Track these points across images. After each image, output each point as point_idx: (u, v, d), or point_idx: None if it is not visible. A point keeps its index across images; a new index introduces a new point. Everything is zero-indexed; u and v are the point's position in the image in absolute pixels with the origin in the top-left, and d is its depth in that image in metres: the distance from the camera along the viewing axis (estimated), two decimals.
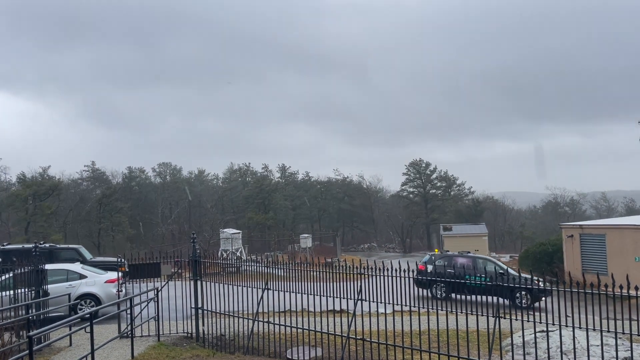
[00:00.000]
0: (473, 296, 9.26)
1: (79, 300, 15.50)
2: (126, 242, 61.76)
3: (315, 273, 10.96)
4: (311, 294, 10.64)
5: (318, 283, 10.56)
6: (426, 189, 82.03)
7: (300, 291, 10.86)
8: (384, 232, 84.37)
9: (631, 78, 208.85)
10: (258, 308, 11.29)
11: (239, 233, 44.34)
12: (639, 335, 7.64)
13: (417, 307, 9.41)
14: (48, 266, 12.86)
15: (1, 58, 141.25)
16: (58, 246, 25.67)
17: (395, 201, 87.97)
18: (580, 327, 8.29)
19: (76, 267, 16.77)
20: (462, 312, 9.03)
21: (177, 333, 12.63)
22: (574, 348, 7.95)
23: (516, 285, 9.43)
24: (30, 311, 11.22)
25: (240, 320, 11.50)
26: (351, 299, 10.20)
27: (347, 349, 10.08)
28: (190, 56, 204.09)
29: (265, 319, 11.21)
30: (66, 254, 23.26)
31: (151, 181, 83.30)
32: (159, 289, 12.32)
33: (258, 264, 13.40)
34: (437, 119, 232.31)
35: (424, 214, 78.69)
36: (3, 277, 13.08)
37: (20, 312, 11.08)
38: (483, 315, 8.64)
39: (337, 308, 11.60)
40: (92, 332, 8.28)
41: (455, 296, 9.70)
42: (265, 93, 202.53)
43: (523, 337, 9.96)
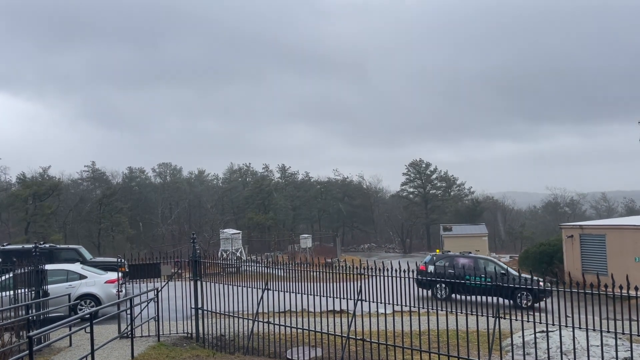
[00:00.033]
0: (474, 296, 9.26)
1: (79, 300, 15.50)
2: (126, 243, 61.76)
3: (315, 273, 10.96)
4: (311, 295, 10.64)
5: (318, 283, 10.56)
6: (426, 189, 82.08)
7: (300, 291, 10.86)
8: (384, 233, 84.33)
9: (631, 78, 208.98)
10: (258, 308, 11.29)
11: (239, 233, 44.34)
12: (639, 335, 7.64)
13: (417, 308, 9.41)
14: (48, 266, 12.86)
15: (1, 58, 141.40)
16: (58, 246, 25.69)
17: (395, 201, 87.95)
18: (580, 328, 8.29)
19: (76, 268, 16.76)
20: (462, 313, 9.03)
21: (177, 333, 12.63)
22: (574, 348, 7.95)
23: (518, 285, 9.42)
24: (30, 311, 11.22)
25: (240, 320, 11.50)
26: (351, 300, 10.20)
27: (347, 349, 10.08)
28: (190, 56, 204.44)
29: (265, 319, 11.21)
30: (66, 254, 23.28)
31: (151, 181, 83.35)
32: (159, 289, 12.32)
33: (258, 264, 13.40)
34: (437, 119, 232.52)
35: (424, 214, 78.71)
36: (3, 278, 13.08)
37: (20, 313, 11.07)
38: (483, 315, 8.64)
39: (337, 308, 11.60)
40: (92, 333, 8.27)
41: (456, 296, 9.71)
42: (264, 93, 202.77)
43: (523, 338, 9.96)
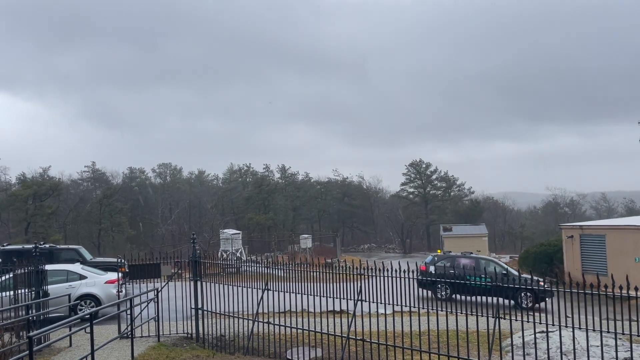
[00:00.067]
0: (476, 297, 9.26)
1: (79, 300, 15.50)
2: (126, 243, 61.80)
3: (315, 274, 10.97)
4: (311, 295, 10.65)
5: (318, 284, 10.56)
6: (426, 190, 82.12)
7: (300, 292, 10.86)
8: (384, 233, 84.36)
9: (631, 78, 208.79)
10: (258, 308, 11.30)
11: (239, 233, 44.35)
12: (639, 335, 7.64)
13: (417, 308, 9.41)
14: (48, 267, 12.86)
15: (0, 58, 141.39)
16: (58, 247, 25.73)
17: (395, 201, 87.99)
18: (580, 328, 8.29)
19: (76, 268, 16.77)
20: (462, 313, 9.03)
21: (177, 333, 12.63)
22: (574, 349, 7.95)
23: (519, 286, 9.41)
24: (30, 312, 11.23)
25: (240, 320, 11.50)
26: (351, 300, 10.21)
27: (347, 350, 10.08)
28: (190, 56, 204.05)
29: (265, 320, 11.21)
30: (66, 255, 23.31)
31: (151, 181, 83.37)
32: (159, 290, 12.32)
33: (258, 265, 13.40)
34: (437, 119, 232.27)
35: (424, 215, 78.74)
36: (3, 278, 13.09)
37: (20, 313, 11.08)
38: (483, 316, 8.64)
39: (337, 309, 11.61)
40: (92, 333, 8.27)
41: (457, 297, 9.70)
42: (264, 93, 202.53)
43: (523, 338, 9.96)
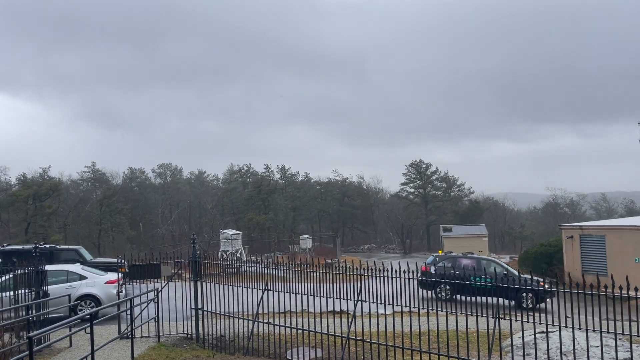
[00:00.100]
0: (477, 297, 9.25)
1: (79, 301, 15.50)
2: (126, 243, 61.81)
3: (315, 274, 10.97)
4: (311, 295, 10.65)
5: (318, 284, 10.57)
6: (426, 190, 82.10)
7: (300, 292, 10.86)
8: (384, 233, 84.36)
9: (631, 78, 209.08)
10: (258, 309, 11.30)
11: (239, 234, 44.35)
12: (639, 336, 7.64)
13: (417, 308, 9.42)
14: (48, 267, 12.86)
15: (0, 59, 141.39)
16: (58, 247, 25.70)
17: (395, 202, 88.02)
18: (580, 328, 8.29)
19: (76, 268, 16.77)
20: (462, 313, 9.03)
21: (177, 334, 12.63)
22: (574, 349, 7.95)
23: (521, 286, 9.40)
24: (30, 312, 11.23)
25: (240, 321, 11.50)
26: (351, 300, 10.21)
27: (347, 350, 10.08)
28: (190, 56, 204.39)
29: (265, 320, 11.21)
30: (66, 255, 23.28)
31: (151, 182, 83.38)
32: (159, 290, 12.32)
33: (258, 265, 13.40)
34: (437, 120, 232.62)
35: (424, 215, 78.74)
36: (3, 278, 13.09)
37: (20, 313, 11.08)
38: (483, 316, 8.64)
39: (337, 309, 11.61)
40: (92, 333, 8.27)
41: (458, 297, 9.70)
42: (264, 94, 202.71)
43: (523, 338, 9.96)
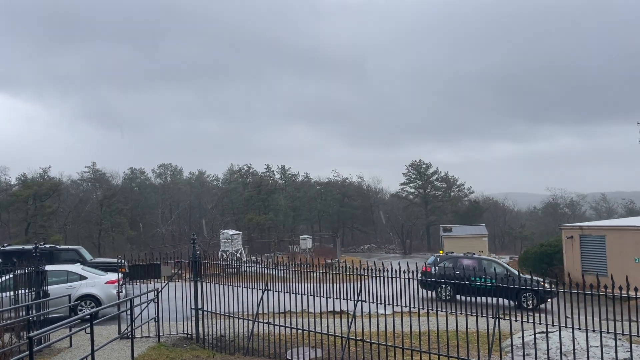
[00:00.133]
0: (477, 297, 9.25)
1: (79, 301, 15.50)
2: (126, 243, 61.82)
3: (315, 274, 10.97)
4: (311, 295, 10.65)
5: (318, 284, 10.57)
6: (426, 190, 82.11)
7: (300, 292, 10.86)
8: (384, 233, 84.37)
9: (631, 79, 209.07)
10: (258, 309, 11.30)
11: (239, 234, 44.34)
12: (639, 336, 7.65)
13: (417, 309, 9.42)
14: (48, 267, 12.86)
15: (0, 59, 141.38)
16: (58, 247, 25.69)
17: (395, 202, 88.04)
18: (579, 328, 8.30)
19: (76, 268, 16.77)
20: (462, 313, 9.03)
21: (177, 334, 12.64)
22: (574, 349, 7.96)
23: (523, 286, 9.38)
24: (30, 312, 11.23)
25: (240, 321, 11.51)
26: (351, 300, 10.21)
27: (347, 350, 10.08)
28: (190, 56, 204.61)
29: (265, 320, 11.22)
30: (66, 255, 23.28)
31: (151, 182, 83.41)
32: (159, 290, 12.33)
33: (258, 265, 13.41)
34: (436, 120, 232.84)
35: (424, 215, 78.75)
36: (4, 278, 13.09)
37: (20, 313, 11.08)
38: (483, 316, 8.64)
39: (337, 309, 11.61)
40: (92, 333, 8.28)
41: (460, 297, 9.68)
42: (264, 94, 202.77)
43: (523, 338, 9.96)
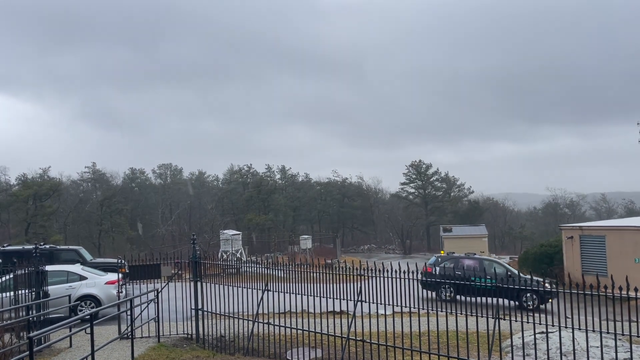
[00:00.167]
0: (479, 298, 9.24)
1: (79, 301, 15.50)
2: (126, 244, 61.84)
3: (315, 274, 10.98)
4: (311, 295, 10.65)
5: (318, 284, 10.57)
6: (426, 191, 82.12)
7: (300, 292, 10.87)
8: (384, 234, 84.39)
9: (630, 79, 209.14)
10: (258, 309, 11.30)
11: (239, 234, 44.33)
12: (639, 336, 7.65)
13: (417, 309, 9.42)
14: (48, 267, 12.86)
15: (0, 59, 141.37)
16: (58, 247, 25.68)
17: (395, 202, 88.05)
18: (579, 329, 8.29)
19: (76, 269, 16.77)
20: (462, 314, 9.03)
21: (177, 334, 12.64)
22: (574, 349, 7.96)
23: (525, 287, 9.38)
24: (30, 312, 11.23)
25: (240, 321, 11.51)
26: (351, 301, 10.21)
27: (347, 350, 10.09)
28: (189, 56, 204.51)
29: (265, 320, 11.22)
30: (66, 255, 23.27)
31: (151, 182, 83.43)
32: (159, 290, 12.33)
33: (258, 265, 13.41)
34: (436, 120, 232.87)
35: (424, 216, 78.75)
36: (3, 279, 13.09)
37: (20, 313, 11.08)
38: (483, 316, 8.64)
39: (337, 309, 11.61)
40: (92, 333, 8.28)
41: (460, 298, 9.68)
42: (264, 94, 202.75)
43: (523, 339, 9.96)
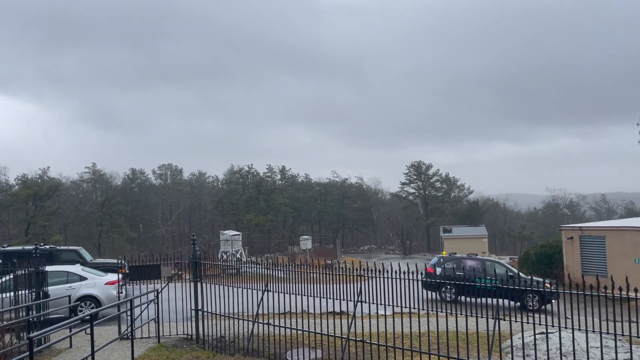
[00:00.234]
0: (481, 298, 9.24)
1: (79, 302, 15.50)
2: (126, 244, 61.85)
3: (315, 275, 10.98)
4: (311, 296, 10.65)
5: (318, 285, 10.57)
6: (426, 191, 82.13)
7: (300, 293, 10.86)
8: (384, 234, 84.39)
9: (630, 79, 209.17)
10: (258, 310, 11.30)
11: (239, 235, 44.33)
12: (639, 337, 7.65)
13: (417, 309, 9.42)
14: (48, 268, 12.86)
15: None
16: (58, 248, 25.67)
17: (395, 202, 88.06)
18: (579, 329, 8.30)
19: (76, 269, 16.78)
20: (462, 314, 9.04)
21: (177, 335, 12.64)
22: (574, 350, 7.96)
23: (528, 287, 9.37)
24: (30, 313, 11.24)
25: (240, 322, 11.51)
26: (351, 301, 10.21)
27: (347, 351, 10.09)
28: (189, 57, 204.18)
29: (265, 321, 11.22)
30: (66, 256, 23.26)
31: (151, 183, 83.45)
32: (159, 291, 12.33)
33: (258, 266, 13.41)
34: (436, 120, 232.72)
35: (424, 216, 78.75)
36: (4, 279, 13.10)
37: (20, 314, 11.08)
38: (483, 317, 8.64)
39: (337, 310, 11.61)
40: (93, 334, 8.28)
41: (462, 299, 9.68)
42: (264, 94, 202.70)
43: (523, 339, 9.97)
